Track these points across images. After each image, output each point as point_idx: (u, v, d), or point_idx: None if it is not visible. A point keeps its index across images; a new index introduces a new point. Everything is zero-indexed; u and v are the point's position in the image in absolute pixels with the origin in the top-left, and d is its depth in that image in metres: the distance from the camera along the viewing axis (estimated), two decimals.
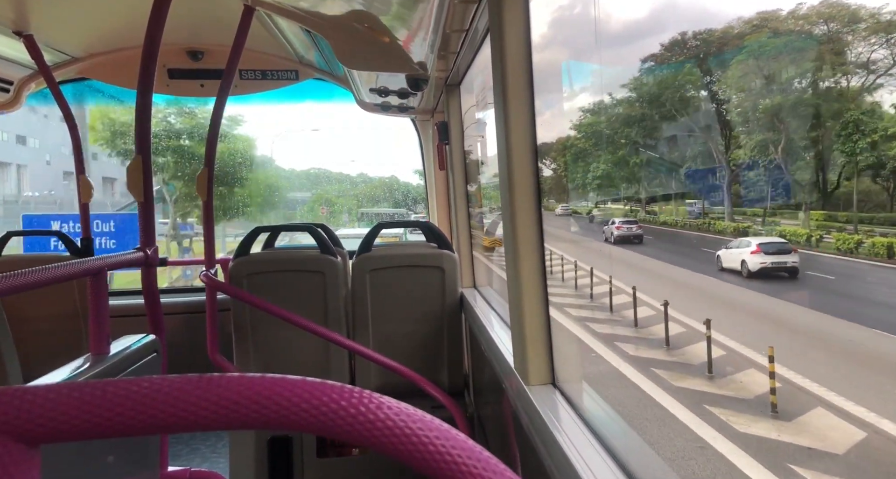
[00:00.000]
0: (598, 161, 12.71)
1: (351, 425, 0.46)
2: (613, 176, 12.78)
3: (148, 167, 2.17)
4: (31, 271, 1.45)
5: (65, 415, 0.44)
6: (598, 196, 13.48)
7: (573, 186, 14.42)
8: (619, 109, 12.20)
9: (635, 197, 12.52)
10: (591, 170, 12.90)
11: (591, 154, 13.11)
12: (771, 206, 9.07)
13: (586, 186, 13.45)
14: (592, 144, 13.15)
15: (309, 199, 13.47)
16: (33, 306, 3.77)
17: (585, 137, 13.29)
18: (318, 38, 3.34)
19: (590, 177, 12.79)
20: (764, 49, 9.36)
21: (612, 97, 12.38)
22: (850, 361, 5.15)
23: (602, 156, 12.72)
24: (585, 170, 13.32)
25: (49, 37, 3.51)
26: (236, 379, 0.46)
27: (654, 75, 11.49)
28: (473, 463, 0.45)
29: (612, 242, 12.09)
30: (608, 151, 12.65)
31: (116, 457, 1.75)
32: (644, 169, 12.00)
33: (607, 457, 1.24)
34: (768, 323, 6.31)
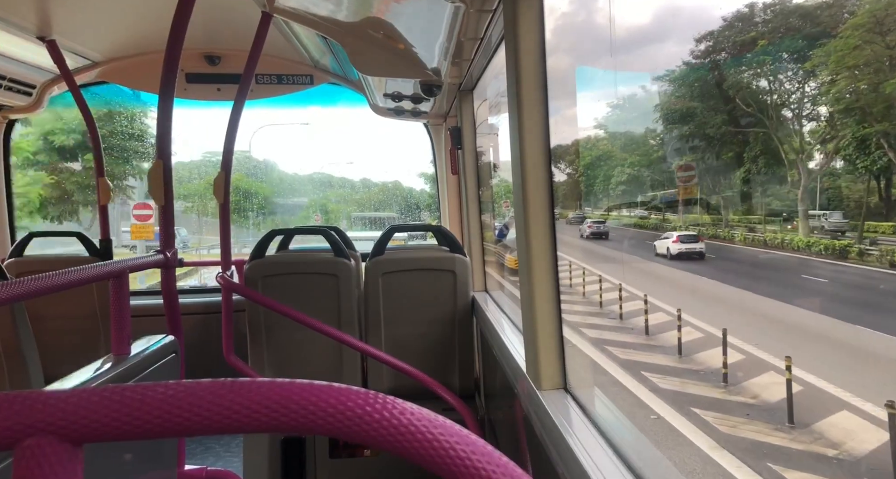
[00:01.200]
0: (624, 165, 11.85)
1: (376, 429, 0.48)
2: (643, 180, 11.79)
3: (169, 172, 2.21)
4: (56, 273, 1.49)
5: (107, 417, 0.47)
6: (620, 202, 12.47)
7: (588, 192, 12.93)
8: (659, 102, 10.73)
9: (654, 203, 11.47)
10: (615, 174, 12.04)
11: (613, 157, 12.31)
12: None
13: (605, 192, 12.49)
14: (621, 146, 12.16)
15: (307, 204, 13.28)
16: (53, 306, 3.84)
17: (611, 138, 12.27)
18: (333, 43, 3.38)
19: (613, 182, 11.91)
20: None
21: (648, 91, 11.09)
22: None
23: (629, 159, 11.85)
24: (607, 175, 12.44)
25: (71, 42, 3.58)
26: (267, 384, 0.49)
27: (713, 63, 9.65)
28: (493, 468, 0.47)
29: (669, 258, 10.74)
30: (638, 153, 11.71)
31: (135, 455, 1.79)
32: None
33: (620, 463, 1.26)
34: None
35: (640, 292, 10.12)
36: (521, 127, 1.67)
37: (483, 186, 4.08)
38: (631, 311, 9.99)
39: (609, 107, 12.27)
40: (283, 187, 12.84)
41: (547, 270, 1.70)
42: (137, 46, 3.93)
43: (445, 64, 2.87)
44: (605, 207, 12.44)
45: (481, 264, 3.96)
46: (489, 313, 3.04)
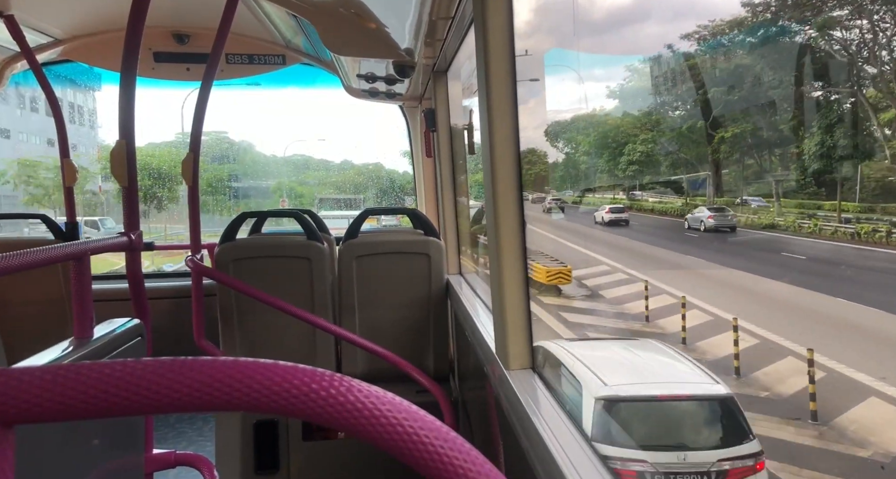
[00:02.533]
0: (636, 142, 9.57)
1: (322, 407, 0.48)
2: (657, 159, 9.40)
3: (132, 152, 2.16)
4: (15, 254, 1.45)
5: (37, 397, 0.46)
6: (632, 183, 10.46)
7: (593, 173, 11.17)
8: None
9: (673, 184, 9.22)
10: (625, 152, 9.72)
11: (623, 133, 9.98)
12: None
13: (613, 172, 10.35)
14: (633, 120, 9.62)
15: (271, 187, 12.77)
16: (18, 290, 3.75)
17: (621, 111, 9.78)
18: (304, 22, 3.32)
19: (623, 161, 9.74)
20: None
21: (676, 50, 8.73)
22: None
23: (641, 135, 9.52)
24: (615, 153, 10.22)
25: (31, 17, 3.45)
26: (209, 362, 0.48)
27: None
28: (441, 444, 0.47)
29: (703, 230, 9.86)
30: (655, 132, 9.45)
31: (101, 440, 1.77)
32: (733, 146, 8.20)
33: (583, 442, 1.28)
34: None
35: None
36: (490, 109, 1.66)
37: (459, 169, 4.07)
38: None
39: (628, 72, 10.60)
40: (258, 170, 12.52)
41: (515, 251, 1.71)
42: (102, 23, 3.80)
43: (418, 44, 2.84)
44: (611, 190, 11.34)
45: (456, 247, 3.97)
46: (463, 296, 3.05)
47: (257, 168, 12.58)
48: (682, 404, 3.25)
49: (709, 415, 3.51)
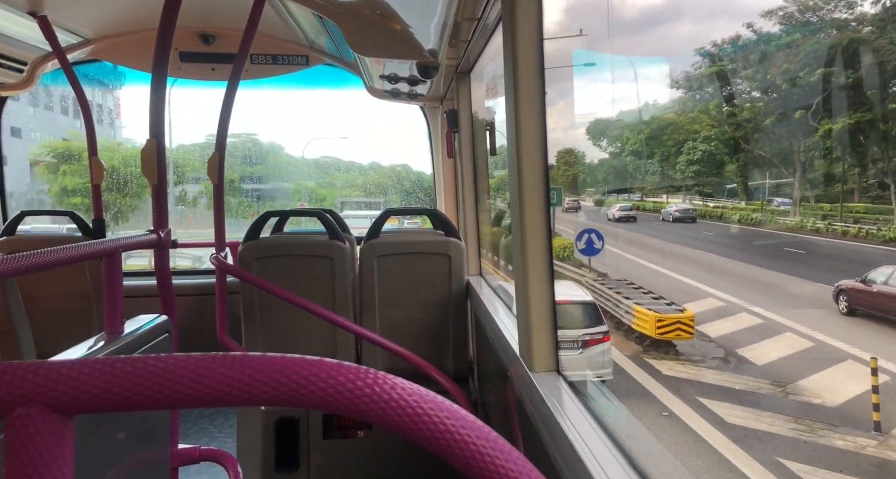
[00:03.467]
0: (696, 139, 7.63)
1: (366, 404, 0.48)
2: (720, 158, 7.22)
3: (162, 151, 2.19)
4: (49, 251, 1.49)
5: (97, 388, 0.47)
6: (693, 186, 8.28)
7: (646, 174, 9.11)
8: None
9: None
10: (684, 151, 7.66)
11: (681, 130, 7.88)
12: None
13: (666, 173, 8.26)
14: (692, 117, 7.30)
15: (290, 190, 12.66)
16: (46, 285, 3.83)
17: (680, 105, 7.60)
18: (329, 23, 3.34)
19: (682, 161, 7.72)
20: None
21: None
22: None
23: (702, 132, 7.41)
24: (669, 152, 8.22)
25: (63, 18, 3.53)
26: (258, 358, 0.49)
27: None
28: (483, 443, 0.47)
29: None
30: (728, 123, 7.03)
31: (128, 434, 1.80)
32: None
33: (610, 444, 1.27)
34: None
35: None
36: (518, 111, 1.66)
37: (480, 171, 4.07)
38: None
39: (698, 57, 8.07)
40: (287, 171, 12.46)
41: (541, 253, 1.71)
42: (130, 24, 3.87)
43: (442, 45, 2.84)
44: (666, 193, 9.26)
45: (476, 248, 3.97)
46: (483, 297, 3.05)
47: (287, 170, 12.52)
48: (569, 306, 5.12)
49: (581, 312, 5.64)
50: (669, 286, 8.78)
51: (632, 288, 8.38)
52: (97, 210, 4.17)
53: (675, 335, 6.75)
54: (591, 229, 7.90)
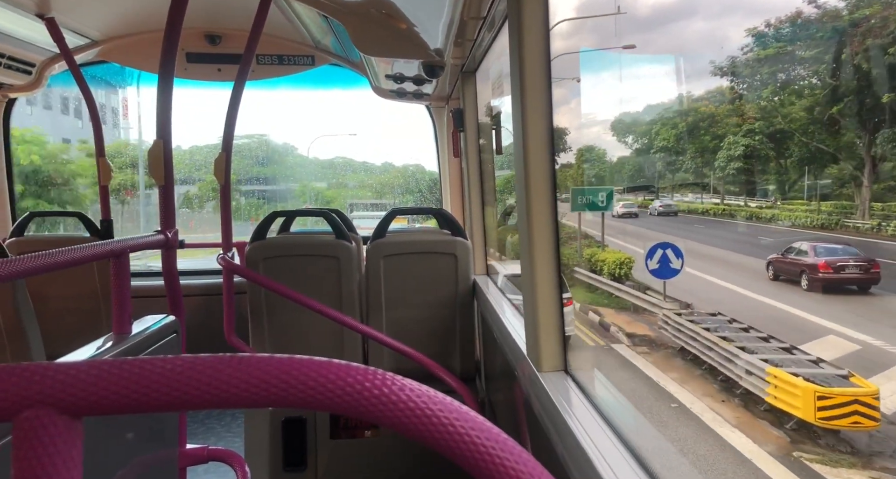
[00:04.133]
0: (738, 133, 6.94)
1: (374, 405, 0.48)
2: (765, 153, 6.55)
3: (169, 151, 2.20)
4: (57, 252, 1.49)
5: (105, 390, 0.47)
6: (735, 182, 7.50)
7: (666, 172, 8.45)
8: None
9: None
10: (724, 146, 7.04)
11: (719, 124, 7.46)
12: None
13: (700, 170, 7.67)
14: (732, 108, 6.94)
15: (295, 191, 12.47)
16: (54, 286, 3.85)
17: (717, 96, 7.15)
18: (334, 23, 3.34)
19: (721, 157, 6.82)
20: None
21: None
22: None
23: (744, 125, 6.86)
24: (706, 148, 7.52)
25: (70, 19, 3.55)
26: (267, 359, 0.49)
27: None
28: (492, 445, 0.47)
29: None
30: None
31: (136, 434, 1.80)
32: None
33: (619, 443, 1.26)
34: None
35: None
36: (525, 109, 1.65)
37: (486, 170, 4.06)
38: None
39: (750, 38, 6.89)
40: (300, 173, 12.32)
41: (548, 251, 1.70)
42: (137, 25, 3.89)
43: (448, 44, 2.84)
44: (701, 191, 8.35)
45: (482, 247, 3.96)
46: (490, 297, 3.05)
47: (297, 171, 12.39)
48: None
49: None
50: (745, 307, 6.68)
51: (739, 329, 5.88)
52: (105, 211, 4.20)
53: (852, 424, 4.13)
54: (665, 244, 5.96)
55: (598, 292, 7.57)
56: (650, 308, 6.10)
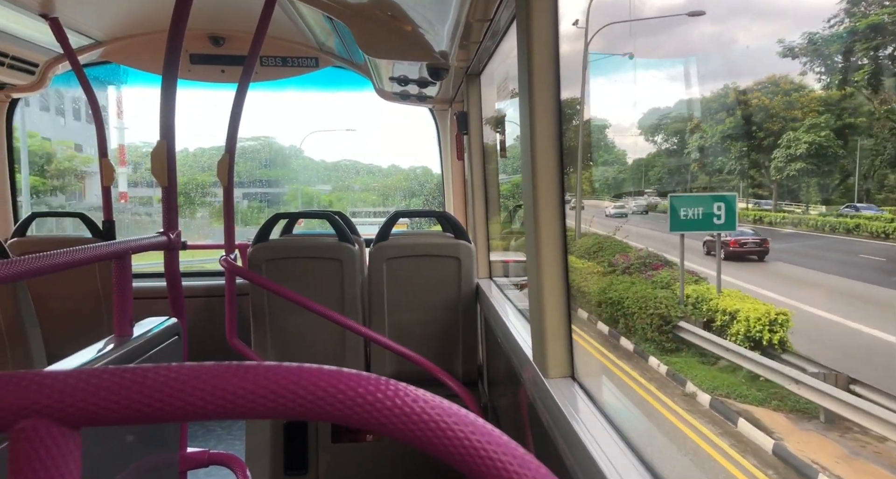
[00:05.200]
0: (799, 129, 5.75)
1: (386, 417, 0.46)
2: (834, 151, 5.46)
3: (172, 152, 2.18)
4: (59, 253, 1.47)
5: (105, 400, 0.45)
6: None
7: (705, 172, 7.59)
8: None
9: None
10: (782, 144, 5.78)
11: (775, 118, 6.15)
12: None
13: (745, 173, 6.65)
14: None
15: (286, 196, 12.20)
16: (56, 286, 3.84)
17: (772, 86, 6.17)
18: (339, 25, 3.33)
19: (779, 156, 5.55)
20: None
21: None
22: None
23: (807, 119, 5.67)
24: (760, 146, 6.33)
25: (74, 20, 3.54)
26: (274, 368, 0.47)
27: None
28: (509, 459, 0.45)
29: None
30: None
31: (136, 437, 1.78)
32: None
33: (628, 451, 1.24)
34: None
35: None
36: (532, 113, 1.64)
37: (490, 173, 4.05)
38: None
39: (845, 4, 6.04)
40: (305, 175, 12.14)
41: (556, 256, 1.68)
42: (141, 26, 3.88)
43: (453, 47, 2.82)
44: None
45: (486, 250, 3.94)
46: (494, 301, 3.03)
47: (299, 173, 12.24)
48: (512, 263, 4.96)
49: (520, 266, 5.39)
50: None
51: None
52: (107, 212, 4.18)
53: None
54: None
55: (728, 369, 4.76)
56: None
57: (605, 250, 7.30)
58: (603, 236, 7.74)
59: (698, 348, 4.28)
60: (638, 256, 6.27)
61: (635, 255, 6.47)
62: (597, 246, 7.39)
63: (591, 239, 7.83)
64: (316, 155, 12.64)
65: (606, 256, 7.13)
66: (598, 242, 7.57)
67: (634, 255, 6.44)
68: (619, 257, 6.53)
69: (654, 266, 5.77)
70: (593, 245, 7.48)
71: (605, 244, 7.51)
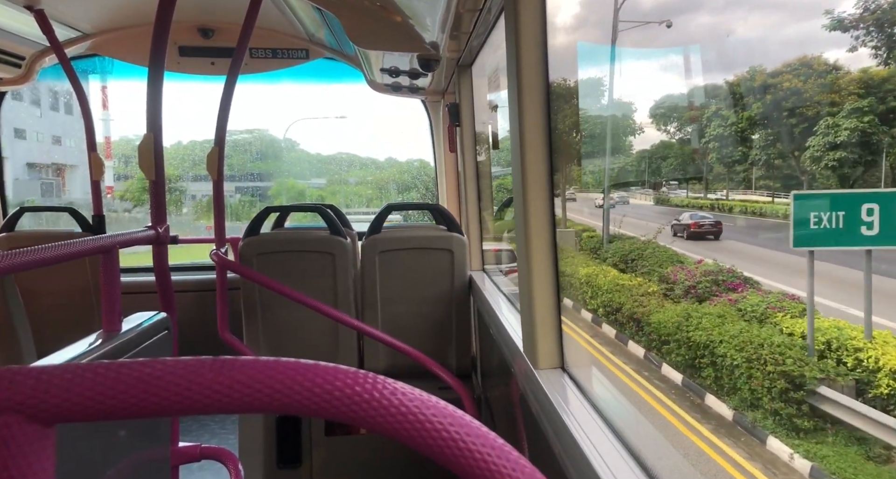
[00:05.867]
0: (838, 115, 4.46)
1: (365, 410, 0.46)
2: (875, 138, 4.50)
3: (159, 145, 2.16)
4: (45, 247, 1.46)
5: (79, 396, 0.44)
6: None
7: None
8: None
9: None
10: (819, 131, 4.75)
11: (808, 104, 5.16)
12: None
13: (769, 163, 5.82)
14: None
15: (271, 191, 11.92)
16: (46, 282, 3.81)
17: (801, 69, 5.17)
18: (329, 16, 3.31)
19: (816, 145, 5.21)
20: None
21: None
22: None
23: (847, 103, 4.71)
24: (790, 134, 5.26)
25: (60, 12, 3.49)
26: (249, 362, 0.46)
27: None
28: (487, 451, 0.45)
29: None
30: None
31: (128, 432, 1.78)
32: None
33: (615, 440, 1.25)
34: None
35: None
36: (521, 104, 1.63)
37: (482, 164, 4.04)
38: None
39: None
40: (298, 168, 11.96)
41: (545, 247, 1.68)
42: (129, 18, 3.84)
43: (443, 37, 2.81)
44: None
45: (479, 243, 3.94)
46: (486, 293, 3.03)
47: (291, 166, 12.06)
48: (500, 252, 5.13)
49: (506, 255, 5.36)
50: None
51: None
52: (97, 206, 4.15)
53: None
54: None
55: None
56: None
57: (646, 258, 6.16)
58: (641, 241, 6.80)
59: (855, 429, 2.73)
60: (704, 271, 4.64)
61: (700, 270, 4.85)
62: (636, 253, 6.34)
63: (626, 244, 6.85)
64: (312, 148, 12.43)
65: (650, 265, 5.89)
66: (637, 248, 6.53)
67: (698, 269, 4.79)
68: (677, 273, 4.98)
69: (732, 286, 4.25)
70: (631, 251, 6.46)
71: (645, 251, 6.43)
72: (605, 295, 5.02)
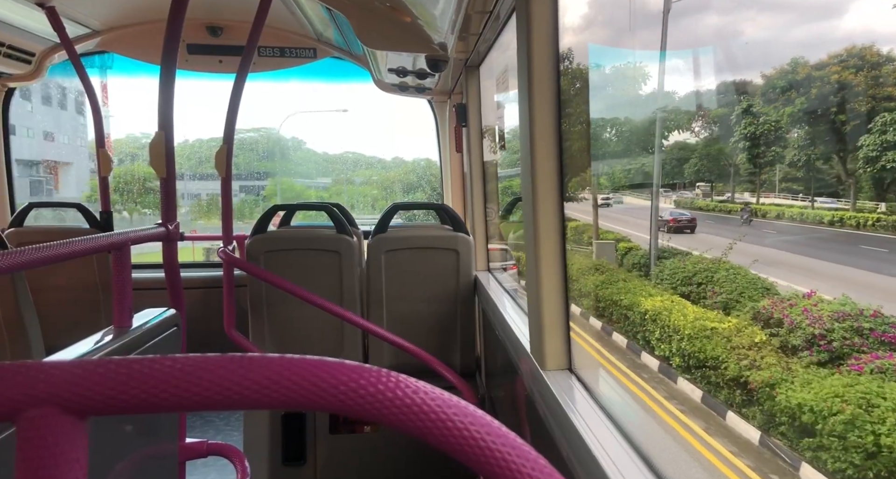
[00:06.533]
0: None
1: (388, 408, 0.47)
2: None
3: (171, 143, 2.18)
4: (58, 244, 1.47)
5: (113, 390, 0.45)
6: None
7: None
8: None
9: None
10: (874, 128, 4.27)
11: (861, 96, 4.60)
12: None
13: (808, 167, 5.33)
14: None
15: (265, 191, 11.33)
16: (54, 278, 3.84)
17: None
18: (337, 15, 3.32)
19: (869, 144, 4.44)
20: None
21: None
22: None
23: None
24: (838, 130, 4.64)
25: (71, 9, 3.51)
26: (277, 360, 0.47)
27: None
28: (508, 450, 0.46)
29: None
30: None
31: (135, 428, 1.79)
32: None
33: (624, 442, 1.25)
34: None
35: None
36: (532, 105, 1.64)
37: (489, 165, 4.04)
38: None
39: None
40: (305, 168, 11.85)
41: (554, 248, 1.68)
42: (138, 15, 3.85)
43: (452, 38, 2.81)
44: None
45: (484, 243, 3.95)
46: (492, 293, 3.04)
47: (298, 166, 11.97)
48: (497, 250, 4.80)
49: (500, 253, 5.12)
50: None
51: None
52: (105, 203, 4.18)
53: None
54: None
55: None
56: None
57: (718, 282, 4.87)
58: (709, 260, 5.21)
59: None
60: (836, 313, 3.13)
61: (826, 311, 3.22)
62: (703, 276, 5.12)
63: (686, 262, 5.47)
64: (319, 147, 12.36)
65: (725, 293, 4.51)
66: (704, 268, 5.13)
67: (822, 310, 3.24)
68: (783, 309, 3.46)
69: (890, 339, 2.95)
70: (695, 273, 5.17)
71: (714, 273, 5.00)
72: (688, 343, 3.58)
